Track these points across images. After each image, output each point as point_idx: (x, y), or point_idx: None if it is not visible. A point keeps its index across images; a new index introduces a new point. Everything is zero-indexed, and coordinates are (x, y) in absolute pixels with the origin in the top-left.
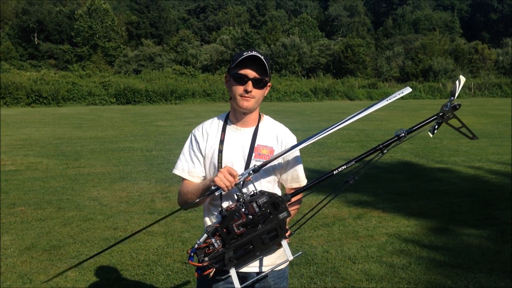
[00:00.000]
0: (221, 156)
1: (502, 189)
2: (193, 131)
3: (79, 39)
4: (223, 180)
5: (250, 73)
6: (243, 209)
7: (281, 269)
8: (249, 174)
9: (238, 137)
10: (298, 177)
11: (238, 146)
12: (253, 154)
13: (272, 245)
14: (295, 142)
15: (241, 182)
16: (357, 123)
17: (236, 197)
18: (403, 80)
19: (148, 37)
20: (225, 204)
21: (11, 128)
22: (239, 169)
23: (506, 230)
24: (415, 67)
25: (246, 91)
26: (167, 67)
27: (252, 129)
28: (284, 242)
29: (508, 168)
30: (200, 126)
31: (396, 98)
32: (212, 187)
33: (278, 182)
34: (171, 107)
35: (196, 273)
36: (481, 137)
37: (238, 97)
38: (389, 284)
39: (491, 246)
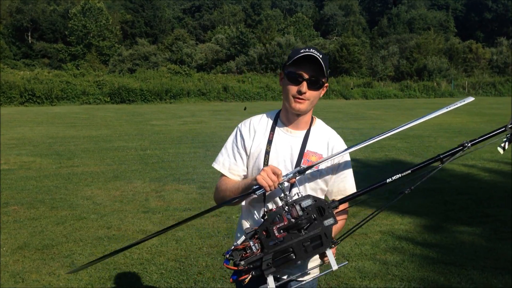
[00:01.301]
0: (268, 158)
1: (495, 187)
2: (239, 125)
3: (73, 38)
4: (266, 179)
5: (306, 73)
6: (285, 212)
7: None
8: (295, 175)
9: (288, 140)
10: (345, 189)
11: (286, 150)
12: (302, 160)
13: (315, 254)
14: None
15: (285, 183)
16: (352, 122)
17: (278, 198)
18: (397, 79)
19: (142, 36)
20: (268, 206)
21: (4, 127)
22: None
23: (499, 228)
24: (410, 66)
25: (300, 92)
26: (162, 66)
27: (303, 132)
28: (329, 252)
29: (501, 166)
30: (247, 122)
31: (456, 106)
32: (254, 186)
33: (324, 195)
34: (166, 106)
35: (231, 279)
36: (474, 136)
37: (291, 98)
38: (382, 281)
39: (484, 244)
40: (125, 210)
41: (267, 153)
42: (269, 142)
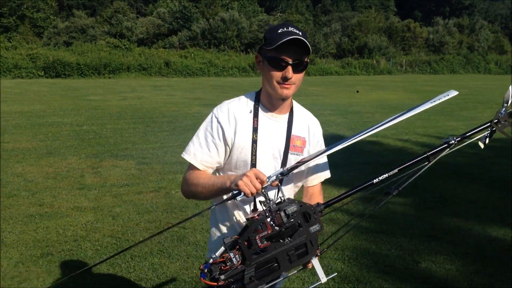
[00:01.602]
0: (256, 147)
1: None
2: (214, 112)
3: (5, 9)
4: (248, 186)
5: (290, 57)
6: (268, 219)
7: None
8: (277, 177)
9: (273, 125)
10: (317, 171)
11: (273, 136)
12: (289, 146)
13: (300, 264)
14: (321, 133)
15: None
16: (294, 98)
17: (261, 203)
18: (339, 56)
19: (80, 8)
20: (258, 207)
21: None
22: (276, 163)
23: (427, 198)
24: (351, 44)
25: (286, 79)
26: (100, 40)
27: (286, 116)
28: (315, 261)
29: (433, 140)
30: (224, 108)
31: (441, 100)
32: (233, 191)
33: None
34: (104, 81)
35: None
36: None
37: (276, 85)
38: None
39: (413, 213)
40: (59, 187)
41: (254, 142)
42: (255, 130)
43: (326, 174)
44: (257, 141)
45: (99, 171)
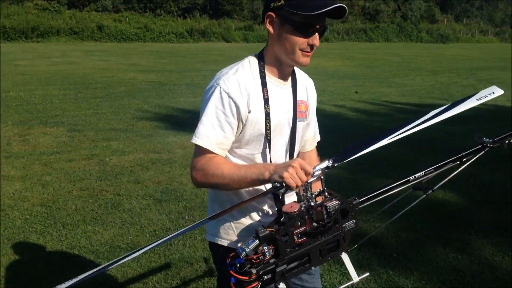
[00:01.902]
0: (269, 121)
1: (361, 125)
2: (221, 85)
3: None
4: (295, 179)
5: (319, 22)
6: (308, 214)
7: None
8: (323, 171)
9: (281, 93)
10: (312, 133)
11: (282, 106)
12: (297, 113)
13: (330, 259)
14: (316, 95)
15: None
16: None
17: (297, 195)
18: None
19: None
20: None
21: None
22: (286, 133)
23: (360, 161)
24: None
25: (313, 47)
26: (27, 2)
27: (289, 81)
28: (346, 257)
29: (367, 106)
30: (232, 79)
31: (487, 99)
32: (276, 184)
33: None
34: (32, 45)
35: (232, 284)
36: (345, 79)
37: (298, 52)
38: None
39: (346, 175)
40: None
41: (268, 115)
42: (266, 101)
43: (318, 136)
44: (270, 114)
45: (27, 138)
